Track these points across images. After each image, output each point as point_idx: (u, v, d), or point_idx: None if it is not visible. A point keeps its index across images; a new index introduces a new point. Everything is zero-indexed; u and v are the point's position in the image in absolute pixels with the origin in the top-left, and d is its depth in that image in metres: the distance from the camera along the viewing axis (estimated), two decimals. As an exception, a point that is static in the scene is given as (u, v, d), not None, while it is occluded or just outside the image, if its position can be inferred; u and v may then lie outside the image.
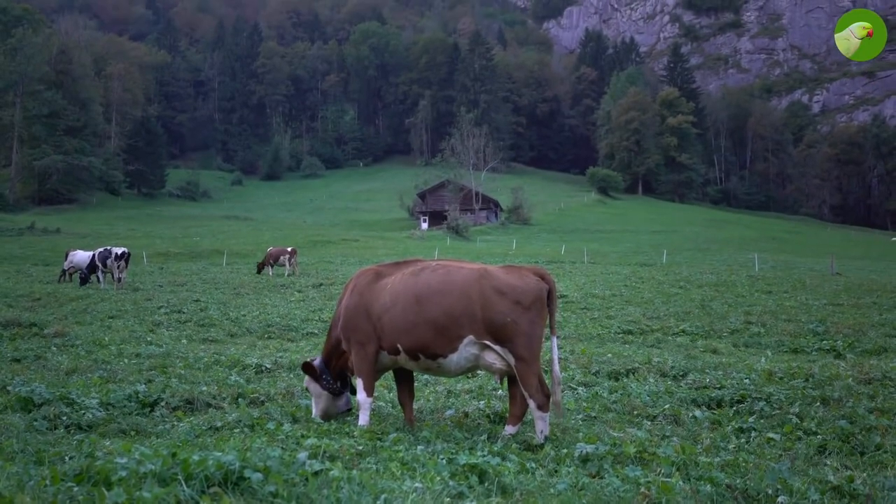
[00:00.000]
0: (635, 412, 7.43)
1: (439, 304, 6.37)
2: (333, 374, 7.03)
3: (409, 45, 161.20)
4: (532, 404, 6.20)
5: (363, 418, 6.67)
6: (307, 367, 7.00)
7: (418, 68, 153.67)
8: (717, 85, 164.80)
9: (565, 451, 5.54)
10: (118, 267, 24.71)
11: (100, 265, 25.05)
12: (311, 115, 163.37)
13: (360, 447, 5.47)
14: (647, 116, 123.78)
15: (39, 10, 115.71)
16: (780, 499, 4.44)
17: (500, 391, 8.10)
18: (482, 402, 7.73)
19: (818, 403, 7.41)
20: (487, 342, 6.31)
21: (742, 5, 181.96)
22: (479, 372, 7.58)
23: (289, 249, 32.61)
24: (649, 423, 7.06)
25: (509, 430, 6.38)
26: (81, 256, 26.00)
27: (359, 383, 6.71)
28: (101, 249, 25.70)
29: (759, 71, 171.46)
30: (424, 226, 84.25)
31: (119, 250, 25.08)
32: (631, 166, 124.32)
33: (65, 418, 6.79)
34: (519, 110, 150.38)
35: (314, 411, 7.06)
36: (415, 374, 7.17)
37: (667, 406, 7.55)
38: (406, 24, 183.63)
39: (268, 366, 10.30)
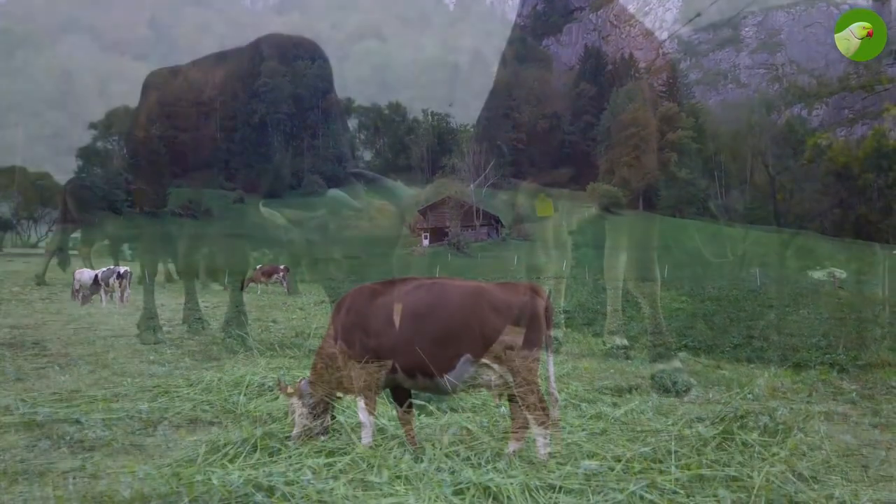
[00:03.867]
0: (639, 428, 7.41)
1: (436, 322, 6.34)
2: (318, 396, 6.96)
3: (410, 63, 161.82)
4: (533, 421, 6.18)
5: (366, 437, 6.60)
6: (291, 387, 6.95)
7: (418, 86, 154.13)
8: (716, 100, 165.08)
9: (569, 468, 5.52)
10: (121, 286, 24.73)
11: (102, 284, 25.10)
12: (312, 133, 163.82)
13: (364, 466, 5.45)
14: (646, 132, 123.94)
15: (42, 33, 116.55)
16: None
17: (502, 408, 8.07)
18: (485, 420, 7.70)
19: (822, 418, 7.40)
20: (485, 360, 6.26)
21: (740, 21, 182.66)
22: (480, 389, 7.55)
23: (281, 267, 32.68)
24: (653, 439, 7.05)
25: (513, 447, 6.33)
26: (88, 275, 26.02)
27: (360, 402, 6.63)
28: (104, 269, 25.76)
29: (759, 86, 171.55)
30: (426, 242, 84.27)
31: (121, 269, 25.13)
32: (631, 182, 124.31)
33: (68, 438, 6.79)
34: (519, 127, 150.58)
35: (294, 431, 6.92)
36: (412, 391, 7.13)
37: (670, 422, 7.53)
38: (406, 43, 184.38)
39: (270, 384, 10.26)
